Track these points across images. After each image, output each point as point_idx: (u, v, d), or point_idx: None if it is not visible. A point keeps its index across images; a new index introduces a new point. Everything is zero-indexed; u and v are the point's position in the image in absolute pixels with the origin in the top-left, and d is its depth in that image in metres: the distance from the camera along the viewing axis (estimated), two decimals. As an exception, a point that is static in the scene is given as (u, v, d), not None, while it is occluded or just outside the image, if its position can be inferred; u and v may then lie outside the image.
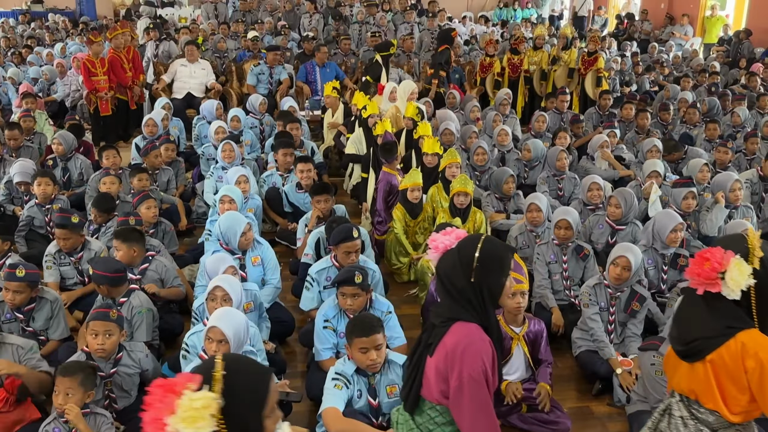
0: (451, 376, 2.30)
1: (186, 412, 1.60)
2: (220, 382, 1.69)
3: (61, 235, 4.68)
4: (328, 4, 14.26)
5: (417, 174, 5.58)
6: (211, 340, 3.34)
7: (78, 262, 4.79)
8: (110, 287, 3.96)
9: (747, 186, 6.32)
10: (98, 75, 8.93)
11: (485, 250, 2.34)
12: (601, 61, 9.86)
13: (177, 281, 4.75)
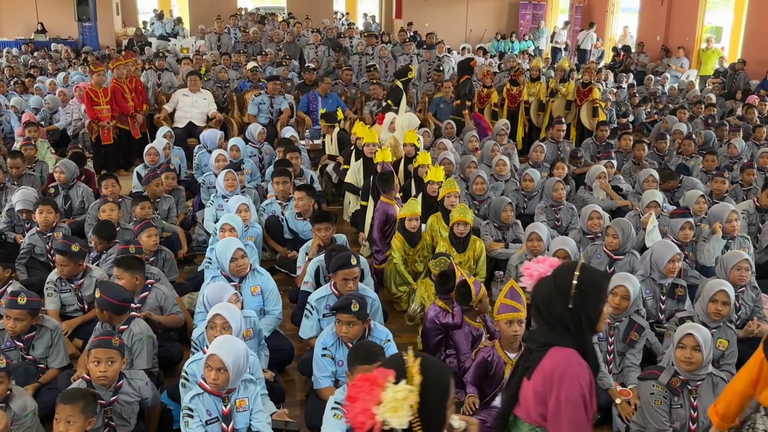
0: (549, 398, 2.35)
1: (390, 403, 1.84)
2: (417, 376, 1.89)
3: (61, 262, 4.72)
4: (328, 36, 14.44)
5: (415, 203, 5.62)
6: (210, 368, 3.36)
7: (78, 289, 4.81)
8: (113, 314, 3.98)
9: (744, 217, 6.37)
10: (101, 104, 9.02)
11: (583, 278, 2.38)
12: (597, 91, 9.97)
13: (176, 309, 4.77)
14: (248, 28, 15.81)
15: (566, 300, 2.37)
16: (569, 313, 2.37)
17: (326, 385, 3.89)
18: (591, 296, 2.38)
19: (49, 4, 21.40)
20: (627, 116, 12.00)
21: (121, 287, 4.18)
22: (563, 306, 2.37)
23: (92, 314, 4.69)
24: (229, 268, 4.57)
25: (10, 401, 3.41)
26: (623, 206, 6.93)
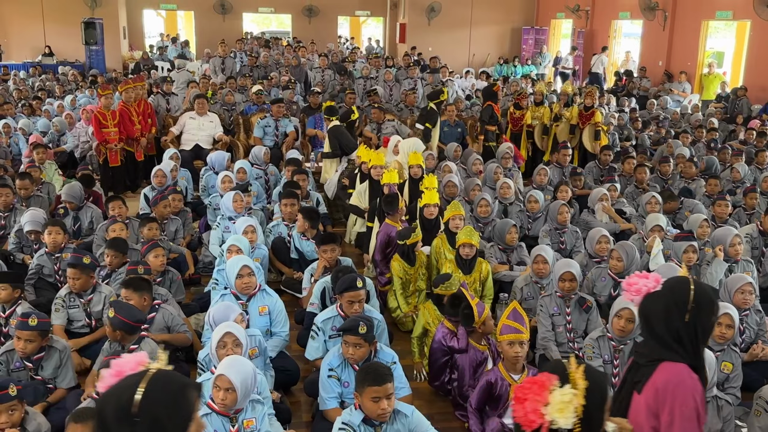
0: (663, 412, 2.42)
1: (557, 404, 2.00)
2: (581, 381, 2.03)
3: (72, 275, 4.80)
4: (333, 60, 14.60)
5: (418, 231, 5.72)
6: (218, 388, 3.39)
7: (87, 305, 4.88)
8: (126, 334, 4.02)
9: (747, 240, 6.40)
10: (109, 127, 9.12)
11: (698, 292, 2.48)
12: (599, 115, 10.06)
13: (183, 328, 4.81)
14: (254, 53, 15.99)
15: (683, 314, 2.45)
16: (686, 327, 2.46)
17: (332, 407, 3.91)
18: (706, 310, 2.48)
19: (57, 28, 21.69)
20: (630, 140, 12.07)
21: (135, 308, 4.22)
22: (680, 320, 2.45)
23: (100, 333, 4.75)
24: (235, 285, 4.61)
25: (26, 423, 3.45)
26: (626, 229, 6.97)
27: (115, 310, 4.00)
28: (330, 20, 25.10)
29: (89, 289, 4.92)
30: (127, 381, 1.76)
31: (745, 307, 4.80)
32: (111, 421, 1.70)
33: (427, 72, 14.03)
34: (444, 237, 5.89)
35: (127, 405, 1.69)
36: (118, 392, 1.73)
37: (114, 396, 1.73)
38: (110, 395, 1.75)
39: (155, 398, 1.71)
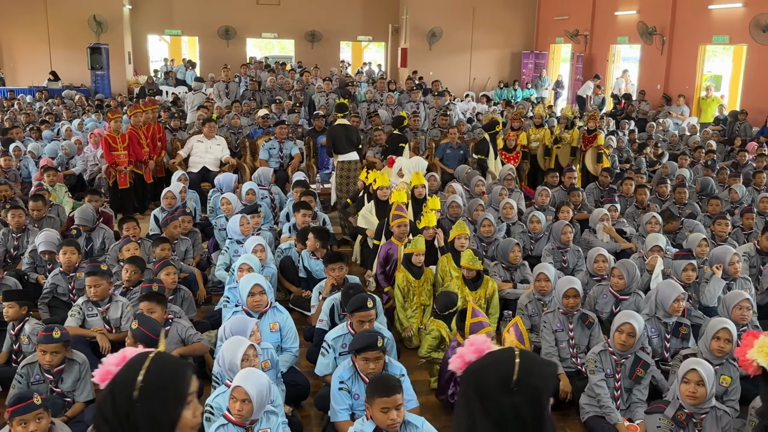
0: None
1: (762, 349, 2.94)
2: None
3: (92, 283, 4.99)
4: (339, 84, 14.85)
5: (422, 240, 5.85)
6: (235, 399, 3.52)
7: (105, 313, 5.04)
8: (146, 346, 4.14)
9: (745, 259, 6.54)
10: (118, 150, 9.31)
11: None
12: (601, 138, 10.25)
13: (198, 337, 4.96)
14: (256, 77, 16.25)
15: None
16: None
17: (344, 419, 4.03)
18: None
19: (63, 53, 22.05)
20: (629, 162, 12.25)
21: (158, 322, 4.37)
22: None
23: (121, 336, 4.93)
24: (247, 302, 4.75)
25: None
26: (627, 249, 7.12)
27: (138, 322, 4.14)
28: (332, 45, 25.46)
29: (107, 299, 5.09)
30: (130, 363, 1.86)
31: (743, 323, 4.92)
32: (119, 400, 1.78)
33: (434, 95, 14.28)
34: (449, 256, 6.04)
35: (131, 385, 1.78)
36: (124, 374, 1.83)
37: (120, 377, 1.83)
38: (117, 377, 1.85)
39: (155, 378, 1.79)
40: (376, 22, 25.18)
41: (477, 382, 1.89)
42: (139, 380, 1.76)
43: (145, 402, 1.76)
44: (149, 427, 1.76)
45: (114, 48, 21.70)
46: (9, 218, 6.99)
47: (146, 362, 1.81)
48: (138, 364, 1.81)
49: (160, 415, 1.78)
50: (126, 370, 1.82)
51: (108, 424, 1.76)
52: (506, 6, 24.01)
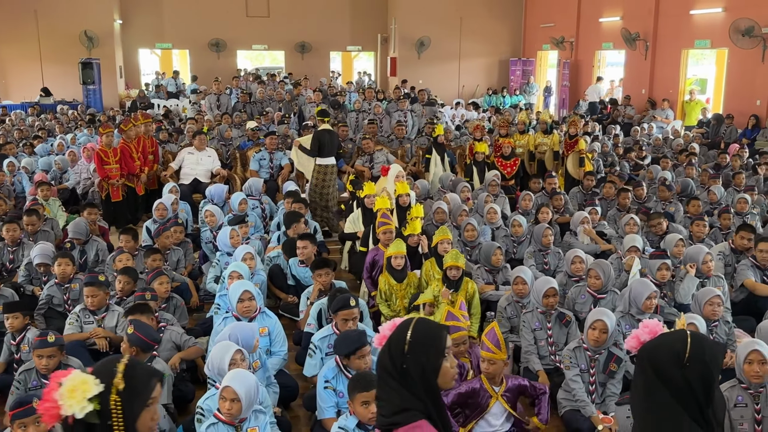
0: None
1: None
2: None
3: (90, 293, 5.21)
4: (329, 94, 15.06)
5: (401, 243, 6.05)
6: (224, 398, 3.71)
7: (101, 321, 5.23)
8: (141, 351, 4.34)
9: (720, 258, 6.77)
10: (110, 163, 9.50)
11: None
12: (582, 143, 10.47)
13: (192, 342, 5.16)
14: (247, 89, 16.46)
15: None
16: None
17: (330, 416, 4.21)
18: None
19: (55, 69, 22.22)
20: (614, 166, 12.49)
21: (152, 328, 4.56)
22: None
23: (117, 339, 5.15)
24: (237, 308, 4.94)
25: None
26: (607, 250, 7.33)
27: (134, 327, 4.32)
28: (322, 56, 25.71)
29: (103, 308, 5.29)
30: (400, 327, 2.32)
31: (714, 318, 5.12)
32: (395, 355, 2.25)
33: (421, 105, 14.51)
34: (433, 260, 6.24)
35: (402, 342, 2.25)
36: (396, 335, 2.30)
37: (393, 338, 2.30)
38: (391, 338, 2.32)
39: (419, 337, 2.26)
40: (365, 32, 25.47)
41: (653, 358, 2.36)
42: (408, 338, 2.23)
43: (414, 355, 2.21)
44: (419, 374, 2.22)
45: (105, 62, 21.88)
46: (4, 232, 7.16)
47: (411, 324, 2.30)
48: (406, 327, 2.29)
49: (425, 364, 2.23)
50: (397, 332, 2.29)
51: (388, 373, 2.25)
52: (493, 15, 24.31)
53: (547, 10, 22.97)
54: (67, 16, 21.88)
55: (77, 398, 2.08)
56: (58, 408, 2.08)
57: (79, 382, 2.08)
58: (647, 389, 2.34)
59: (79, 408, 2.07)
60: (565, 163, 10.67)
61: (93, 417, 2.10)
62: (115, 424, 2.13)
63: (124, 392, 2.13)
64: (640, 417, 2.40)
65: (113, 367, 2.16)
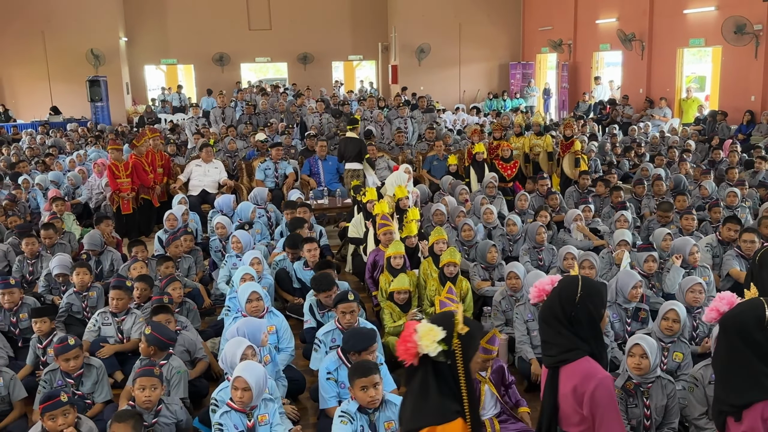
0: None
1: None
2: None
3: (115, 296, 5.60)
4: (333, 104, 15.42)
5: (399, 244, 6.37)
6: (236, 388, 4.04)
7: (121, 323, 5.61)
8: (158, 350, 4.68)
9: (708, 249, 7.05)
10: (121, 177, 9.88)
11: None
12: (578, 144, 10.77)
13: (201, 352, 5.51)
14: (252, 100, 16.84)
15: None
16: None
17: (332, 405, 4.53)
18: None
19: (63, 87, 22.70)
20: (611, 165, 12.78)
21: (168, 328, 4.90)
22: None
23: (130, 345, 5.54)
24: (246, 308, 5.27)
25: (80, 427, 4.08)
26: (599, 245, 7.62)
27: (152, 328, 4.68)
28: (324, 66, 26.10)
29: (124, 311, 5.67)
30: (569, 281, 3.07)
31: (697, 305, 5.40)
32: (566, 302, 2.99)
33: (421, 111, 14.84)
34: (430, 260, 6.56)
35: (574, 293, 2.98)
36: (566, 288, 3.04)
37: (563, 290, 3.05)
38: (561, 291, 3.07)
39: (588, 290, 2.98)
40: (365, 41, 25.85)
41: (736, 323, 2.92)
42: (578, 291, 2.94)
43: (583, 305, 2.92)
44: (586, 320, 2.93)
45: (112, 80, 22.37)
46: (24, 246, 7.51)
47: (579, 281, 2.98)
48: (575, 283, 2.98)
49: (593, 311, 2.94)
50: (567, 287, 3.01)
51: (558, 321, 2.96)
52: (491, 20, 24.65)
53: (545, 14, 23.29)
54: (74, 36, 22.37)
55: (430, 340, 2.60)
56: (416, 348, 2.63)
57: (428, 330, 2.62)
58: (731, 351, 2.91)
59: (433, 348, 2.60)
60: (560, 164, 10.97)
61: (441, 356, 2.62)
62: (459, 362, 2.63)
63: (464, 337, 2.65)
64: (723, 376, 2.98)
65: (451, 318, 2.67)
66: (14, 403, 4.89)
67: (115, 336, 5.65)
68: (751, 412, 2.81)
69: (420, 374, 2.66)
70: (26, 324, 6.01)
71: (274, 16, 24.97)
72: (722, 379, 2.98)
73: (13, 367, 5.38)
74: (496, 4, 24.72)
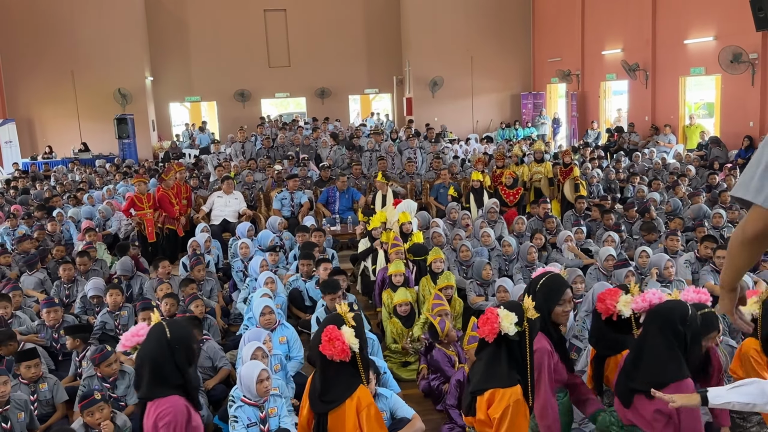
0: None
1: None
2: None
3: (145, 316, 6.19)
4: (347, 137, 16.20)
5: (400, 263, 7.01)
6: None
7: None
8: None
9: (686, 265, 7.61)
10: (144, 209, 10.69)
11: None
12: (576, 170, 11.39)
13: (223, 361, 6.18)
14: (272, 134, 17.70)
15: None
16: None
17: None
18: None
19: (91, 125, 23.74)
20: (614, 191, 13.33)
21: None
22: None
23: None
24: (260, 321, 5.95)
25: (115, 420, 4.75)
26: (589, 264, 8.20)
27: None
28: (341, 99, 27.00)
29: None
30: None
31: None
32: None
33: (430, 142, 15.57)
34: (428, 277, 7.20)
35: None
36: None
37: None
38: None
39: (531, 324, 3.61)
40: (380, 75, 26.74)
41: (665, 314, 3.69)
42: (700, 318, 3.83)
43: (692, 327, 3.73)
44: (693, 343, 3.71)
45: (138, 117, 23.40)
46: (61, 272, 8.30)
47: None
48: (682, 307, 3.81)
49: (696, 337, 3.78)
50: (677, 309, 3.77)
51: (671, 341, 3.64)
52: (502, 52, 25.44)
53: (554, 45, 24.05)
54: (102, 76, 23.48)
55: (509, 322, 3.46)
56: (498, 327, 3.48)
57: (507, 314, 3.51)
58: (654, 336, 3.65)
59: (511, 329, 3.47)
60: (561, 189, 11.59)
61: (515, 336, 3.49)
62: (527, 340, 3.53)
63: (532, 321, 3.57)
64: (641, 358, 3.67)
65: (521, 306, 3.59)
66: (57, 405, 5.58)
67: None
68: (665, 392, 3.41)
69: (491, 348, 3.57)
70: (65, 340, 6.71)
71: (293, 53, 25.97)
72: (640, 360, 3.58)
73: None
74: (507, 36, 25.52)
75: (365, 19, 26.29)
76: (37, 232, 10.62)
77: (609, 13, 20.52)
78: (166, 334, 3.48)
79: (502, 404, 3.41)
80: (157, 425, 3.40)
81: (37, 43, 23.11)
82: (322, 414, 3.69)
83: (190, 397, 3.58)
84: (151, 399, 3.53)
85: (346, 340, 3.52)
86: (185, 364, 3.51)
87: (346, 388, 3.60)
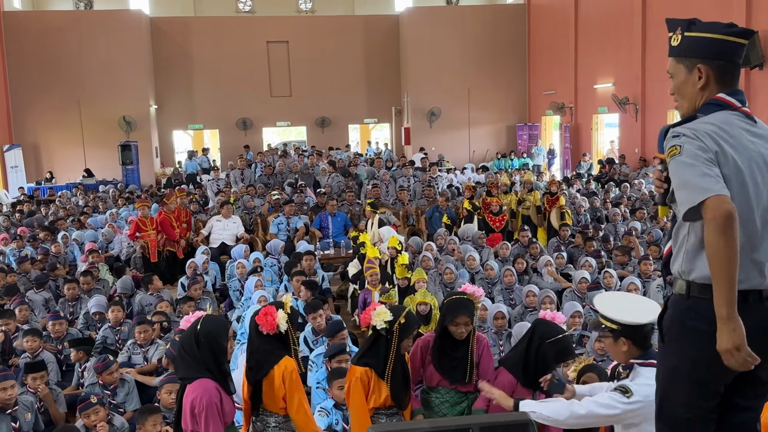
0: None
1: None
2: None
3: (141, 330, 6.63)
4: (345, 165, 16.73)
5: (393, 293, 7.44)
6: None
7: (146, 353, 6.65)
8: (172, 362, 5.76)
9: (659, 290, 8.03)
10: (147, 231, 11.15)
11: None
12: (562, 199, 11.85)
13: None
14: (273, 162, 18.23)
15: None
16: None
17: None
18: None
19: (96, 152, 24.25)
20: (602, 221, 13.75)
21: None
22: None
23: (149, 368, 6.58)
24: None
25: (112, 421, 5.15)
26: (567, 287, 8.62)
27: (171, 345, 5.77)
28: (341, 128, 27.60)
29: (149, 342, 6.72)
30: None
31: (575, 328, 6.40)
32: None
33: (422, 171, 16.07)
34: (413, 296, 7.61)
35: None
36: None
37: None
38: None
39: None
40: (380, 105, 27.37)
41: (542, 329, 4.35)
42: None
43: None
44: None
45: (142, 144, 23.96)
46: (65, 290, 8.74)
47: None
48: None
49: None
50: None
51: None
52: (498, 85, 26.10)
53: (548, 79, 24.69)
54: (107, 104, 24.10)
55: (380, 318, 4.30)
56: (370, 319, 4.35)
57: (382, 311, 4.32)
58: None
59: (379, 323, 4.29)
60: (547, 218, 12.05)
61: (384, 331, 4.29)
62: (393, 338, 4.27)
63: (402, 325, 4.31)
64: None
65: (401, 311, 4.35)
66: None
67: (141, 363, 6.74)
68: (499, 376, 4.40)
69: (372, 334, 4.43)
70: (69, 352, 7.13)
71: (294, 83, 26.62)
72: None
73: (59, 386, 6.49)
74: (503, 70, 26.19)
75: (365, 50, 26.99)
76: (41, 255, 11.06)
77: (601, 49, 21.17)
78: (197, 327, 3.89)
79: (348, 378, 4.43)
80: (194, 410, 3.77)
81: (45, 71, 23.76)
82: (257, 381, 4.25)
83: (222, 381, 3.91)
84: (185, 380, 3.91)
85: (277, 318, 4.19)
86: (209, 356, 3.82)
87: (273, 358, 4.19)
